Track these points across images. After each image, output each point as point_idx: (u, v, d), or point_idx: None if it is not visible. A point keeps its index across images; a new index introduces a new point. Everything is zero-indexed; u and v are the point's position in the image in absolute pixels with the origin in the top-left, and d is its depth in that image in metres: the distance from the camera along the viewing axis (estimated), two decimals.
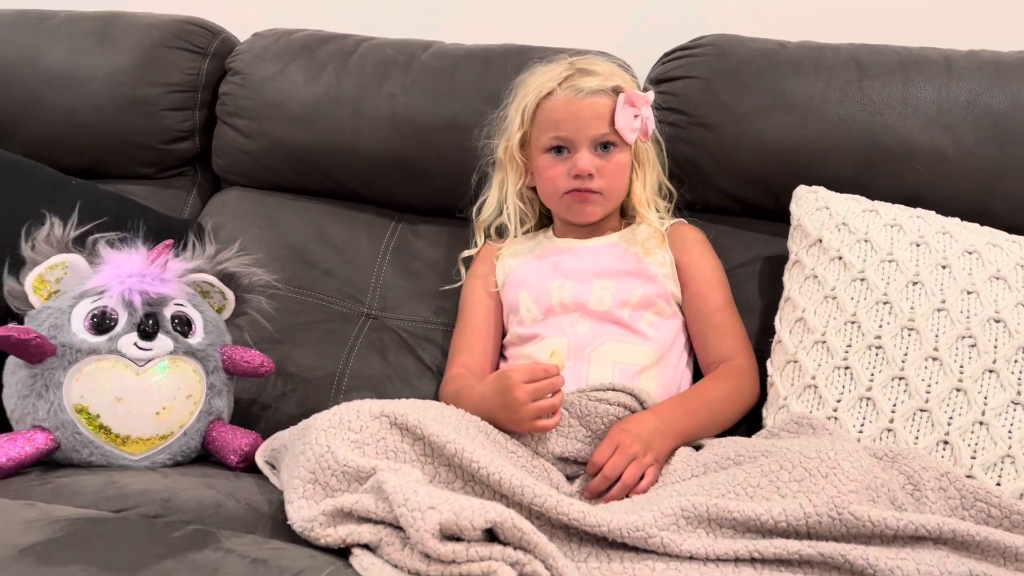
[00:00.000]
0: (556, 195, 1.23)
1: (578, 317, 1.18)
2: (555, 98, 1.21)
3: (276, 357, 1.23)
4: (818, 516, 0.84)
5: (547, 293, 1.21)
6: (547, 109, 1.21)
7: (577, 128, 1.19)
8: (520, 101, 1.25)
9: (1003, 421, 1.01)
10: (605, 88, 1.20)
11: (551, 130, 1.21)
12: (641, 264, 1.21)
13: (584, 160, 1.19)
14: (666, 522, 0.85)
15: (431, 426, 0.91)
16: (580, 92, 1.19)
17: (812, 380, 1.08)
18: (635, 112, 1.20)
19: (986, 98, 1.24)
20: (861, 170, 1.24)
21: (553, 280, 1.21)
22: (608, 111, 1.19)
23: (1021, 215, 1.20)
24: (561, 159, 1.21)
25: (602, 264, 1.22)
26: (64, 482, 0.99)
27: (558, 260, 1.24)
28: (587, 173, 1.19)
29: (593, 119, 1.19)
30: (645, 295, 1.18)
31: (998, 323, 1.05)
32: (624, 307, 1.17)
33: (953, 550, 0.85)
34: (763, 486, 0.88)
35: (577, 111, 1.19)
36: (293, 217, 1.46)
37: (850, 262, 1.12)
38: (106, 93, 1.48)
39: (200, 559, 0.80)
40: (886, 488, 0.90)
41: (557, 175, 1.21)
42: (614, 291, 1.18)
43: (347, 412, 0.92)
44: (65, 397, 1.06)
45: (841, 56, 1.30)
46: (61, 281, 1.12)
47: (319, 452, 0.89)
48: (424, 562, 0.79)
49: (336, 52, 1.46)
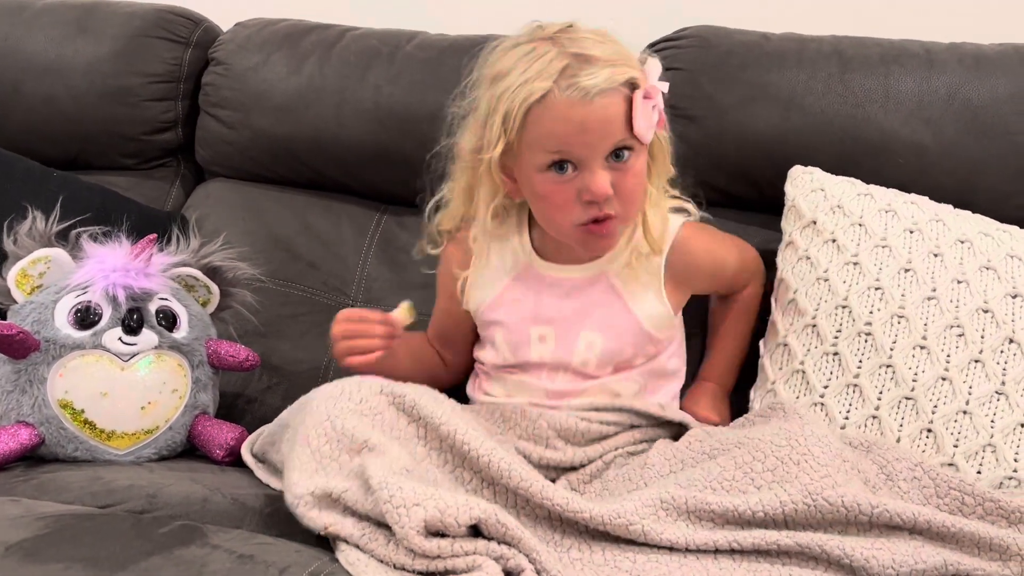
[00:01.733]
0: (566, 227, 1.01)
1: (560, 374, 1.07)
2: (552, 102, 0.95)
3: (261, 350, 1.23)
4: (793, 504, 0.85)
5: (525, 343, 1.06)
6: (542, 118, 0.95)
7: (587, 142, 0.95)
8: (499, 103, 0.97)
9: (986, 411, 1.02)
10: (616, 84, 0.96)
11: (551, 145, 0.96)
12: (626, 309, 1.05)
13: (600, 182, 0.96)
14: (647, 511, 0.86)
15: (427, 407, 0.93)
16: (587, 94, 0.94)
17: (800, 365, 1.08)
18: (652, 104, 0.98)
19: (966, 91, 1.24)
20: (843, 163, 1.24)
21: (532, 327, 1.06)
22: (622, 112, 0.96)
23: (1001, 208, 1.20)
24: (566, 179, 0.97)
25: (590, 308, 1.05)
26: (49, 478, 0.99)
27: (539, 298, 1.07)
28: (606, 196, 0.96)
29: (607, 127, 0.95)
30: (635, 346, 1.06)
31: (986, 313, 1.06)
32: (609, 365, 1.06)
33: (928, 540, 0.86)
34: (738, 479, 0.89)
35: (585, 119, 0.94)
36: (277, 209, 1.45)
37: (843, 245, 1.12)
38: (87, 83, 1.46)
39: (187, 555, 0.80)
40: (857, 470, 0.91)
41: (566, 202, 0.98)
42: (600, 350, 1.05)
43: (350, 384, 0.95)
44: (49, 392, 1.06)
45: (824, 48, 1.30)
46: (44, 276, 1.12)
47: (320, 418, 0.91)
48: (409, 557, 0.80)
49: (320, 42, 1.45)
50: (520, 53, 0.99)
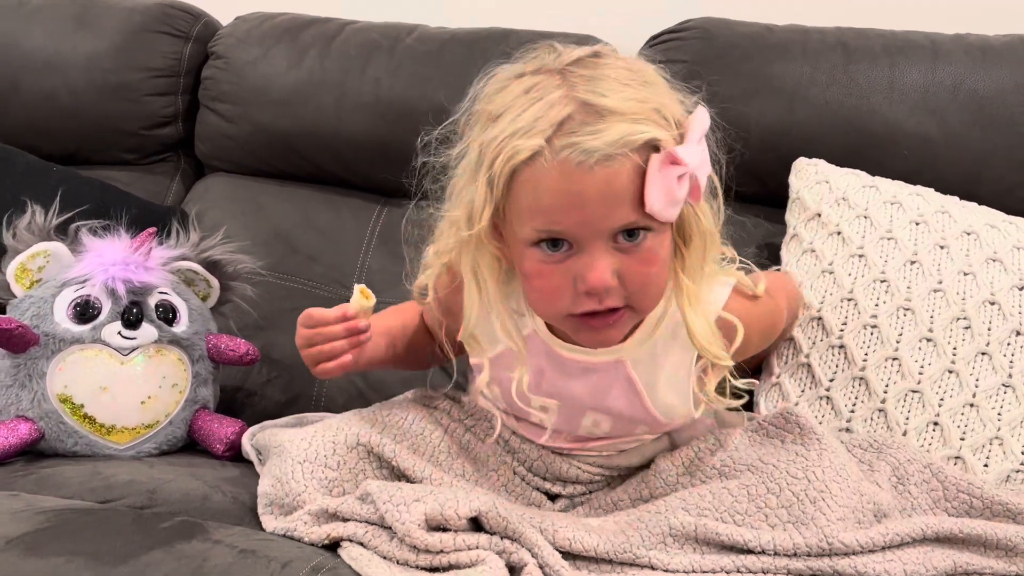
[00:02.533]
0: (556, 314, 0.83)
1: (562, 436, 0.95)
2: (542, 167, 0.75)
3: (261, 344, 1.22)
4: (807, 548, 0.82)
5: (526, 407, 0.90)
6: (530, 184, 0.76)
7: (582, 221, 0.76)
8: (485, 155, 0.79)
9: (993, 403, 1.02)
10: (628, 148, 0.75)
11: (538, 218, 0.77)
12: (652, 397, 0.90)
13: (598, 271, 0.76)
14: (653, 542, 0.84)
15: (407, 459, 0.90)
16: (586, 159, 0.74)
17: (806, 358, 1.08)
18: (680, 172, 0.76)
19: (972, 82, 1.24)
20: (848, 154, 1.23)
21: (535, 395, 0.89)
22: (633, 184, 0.75)
23: (1006, 200, 1.20)
24: (557, 258, 0.78)
25: (600, 394, 0.90)
26: (49, 472, 0.98)
27: (540, 369, 0.90)
28: (604, 288, 0.77)
29: (611, 204, 0.75)
30: (647, 428, 0.94)
31: (993, 305, 1.05)
32: (618, 437, 0.95)
33: (937, 544, 0.86)
34: (751, 513, 0.85)
35: (582, 193, 0.75)
36: (278, 203, 1.45)
37: (849, 237, 1.11)
38: (86, 78, 1.46)
39: (188, 549, 0.80)
40: (872, 503, 0.88)
41: (555, 287, 0.79)
42: (608, 428, 0.93)
43: (323, 445, 0.90)
44: (49, 387, 1.05)
45: (828, 40, 1.29)
46: (43, 270, 1.11)
47: (296, 490, 0.88)
48: (412, 553, 0.80)
49: (319, 36, 1.45)
50: (519, 89, 0.79)
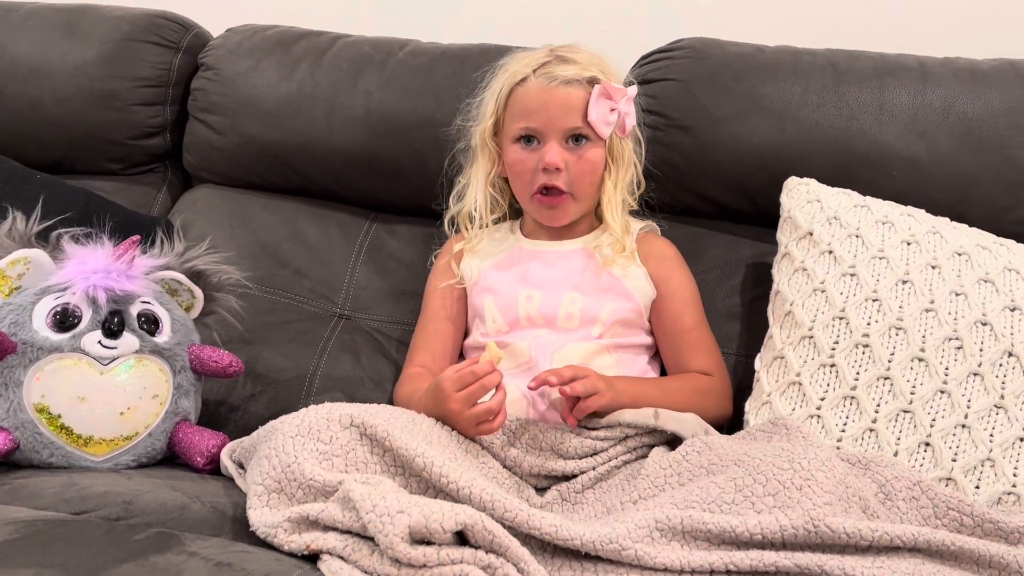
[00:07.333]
0: (526, 193, 1.19)
1: (546, 332, 1.16)
2: (528, 85, 1.17)
3: (246, 357, 1.20)
4: (794, 529, 0.83)
5: (514, 304, 1.18)
6: (519, 96, 1.17)
7: (547, 119, 1.15)
8: (495, 86, 1.21)
9: (985, 424, 1.01)
10: (581, 78, 1.15)
11: (521, 119, 1.17)
12: (612, 278, 1.18)
13: (552, 153, 1.15)
14: (640, 534, 0.83)
15: (400, 438, 0.89)
16: (553, 80, 1.15)
17: (797, 377, 1.07)
18: (611, 105, 1.16)
19: (960, 105, 1.24)
20: (838, 175, 1.23)
21: (521, 290, 1.19)
22: (582, 102, 1.15)
23: (995, 222, 1.20)
24: (531, 150, 1.17)
25: (572, 274, 1.19)
26: (23, 483, 0.96)
27: (526, 267, 1.21)
28: (555, 167, 1.15)
29: (565, 110, 1.15)
30: (614, 312, 1.16)
31: (985, 326, 1.05)
32: (593, 324, 1.15)
33: (928, 557, 0.85)
34: (738, 502, 0.86)
35: (548, 100, 1.15)
36: (265, 215, 1.43)
37: (840, 256, 1.11)
38: (73, 86, 1.45)
39: (162, 562, 0.78)
40: (858, 497, 0.89)
41: (526, 168, 1.17)
42: (583, 306, 1.16)
43: (316, 420, 0.90)
44: (25, 396, 1.03)
45: (818, 61, 1.30)
46: (23, 277, 1.09)
47: (286, 461, 0.86)
48: (395, 567, 0.77)
49: (311, 49, 1.44)
50: (521, 54, 1.23)
